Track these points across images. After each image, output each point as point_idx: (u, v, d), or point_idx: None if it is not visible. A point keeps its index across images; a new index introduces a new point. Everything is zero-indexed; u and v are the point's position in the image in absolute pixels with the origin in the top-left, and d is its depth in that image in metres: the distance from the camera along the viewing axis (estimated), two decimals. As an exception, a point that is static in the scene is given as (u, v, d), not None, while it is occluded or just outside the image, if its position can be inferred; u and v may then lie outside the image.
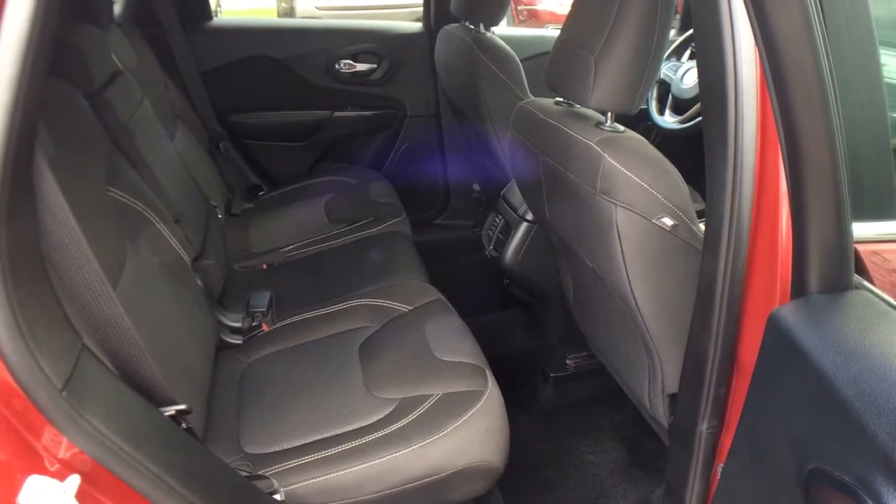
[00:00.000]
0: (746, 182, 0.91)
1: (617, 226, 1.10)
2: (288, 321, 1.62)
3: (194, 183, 1.85)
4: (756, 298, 0.97)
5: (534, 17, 7.24)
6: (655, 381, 1.30)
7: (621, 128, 1.18)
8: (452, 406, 1.26)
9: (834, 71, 0.73)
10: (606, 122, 1.18)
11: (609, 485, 1.77)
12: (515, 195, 1.89)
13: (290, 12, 7.42)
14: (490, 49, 1.89)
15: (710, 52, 0.90)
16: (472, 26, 2.01)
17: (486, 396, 1.27)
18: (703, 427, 1.09)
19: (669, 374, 1.26)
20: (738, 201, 0.92)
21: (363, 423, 1.26)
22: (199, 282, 1.53)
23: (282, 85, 2.46)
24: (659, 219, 1.09)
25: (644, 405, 1.39)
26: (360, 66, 2.49)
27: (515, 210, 1.87)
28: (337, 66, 2.47)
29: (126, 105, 1.55)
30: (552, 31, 2.77)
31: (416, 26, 2.59)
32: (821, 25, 0.71)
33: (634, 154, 1.10)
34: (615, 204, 1.09)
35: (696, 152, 1.35)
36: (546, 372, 1.99)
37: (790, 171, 0.78)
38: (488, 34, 1.97)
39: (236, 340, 1.57)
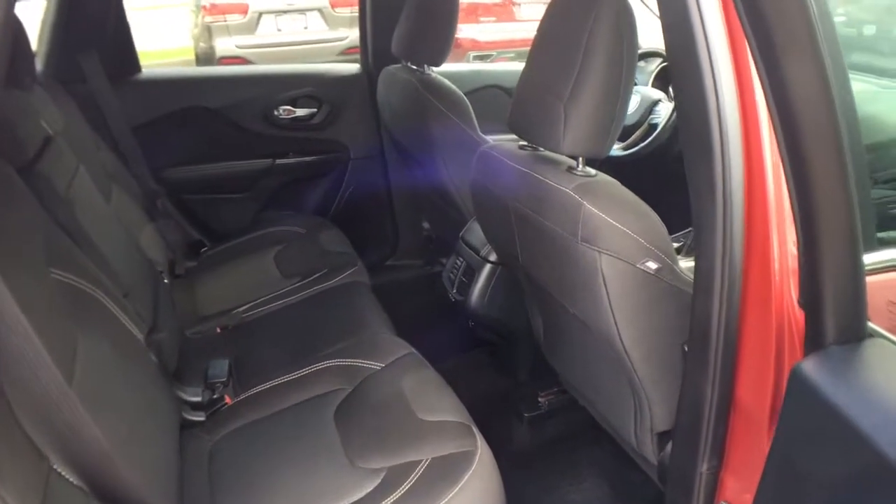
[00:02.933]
0: (737, 225, 0.91)
1: (602, 273, 1.08)
2: (252, 391, 1.51)
3: (137, 249, 1.74)
4: (751, 337, 0.97)
5: (457, 46, 7.34)
6: (643, 420, 1.28)
7: (593, 171, 1.17)
8: (445, 471, 1.19)
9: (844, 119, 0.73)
10: (578, 166, 1.16)
11: (595, 522, 1.74)
12: (475, 236, 1.85)
13: (210, 51, 7.20)
14: (437, 90, 1.87)
15: (691, 97, 0.89)
16: (414, 67, 1.98)
17: (478, 457, 1.22)
18: (703, 468, 1.08)
19: (658, 414, 1.24)
20: (729, 243, 0.92)
21: (351, 500, 1.18)
22: (154, 357, 1.42)
23: (219, 135, 2.36)
24: (643, 263, 1.08)
25: (629, 442, 1.37)
26: (300, 111, 2.42)
27: (477, 252, 1.83)
28: (275, 113, 2.40)
29: (61, 175, 1.44)
30: (489, 66, 2.79)
31: (354, 67, 2.54)
32: (831, 77, 0.70)
33: (612, 199, 1.09)
34: (599, 252, 1.07)
35: (640, 178, 1.36)
36: (520, 412, 1.95)
37: (803, 228, 0.77)
38: (433, 74, 1.95)
39: (199, 417, 1.46)
